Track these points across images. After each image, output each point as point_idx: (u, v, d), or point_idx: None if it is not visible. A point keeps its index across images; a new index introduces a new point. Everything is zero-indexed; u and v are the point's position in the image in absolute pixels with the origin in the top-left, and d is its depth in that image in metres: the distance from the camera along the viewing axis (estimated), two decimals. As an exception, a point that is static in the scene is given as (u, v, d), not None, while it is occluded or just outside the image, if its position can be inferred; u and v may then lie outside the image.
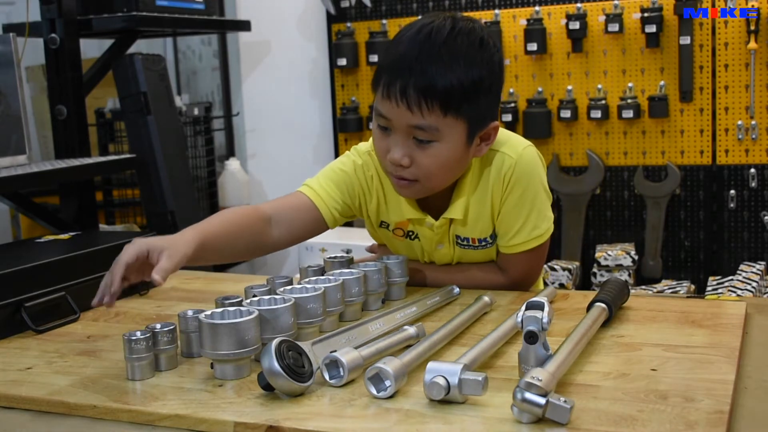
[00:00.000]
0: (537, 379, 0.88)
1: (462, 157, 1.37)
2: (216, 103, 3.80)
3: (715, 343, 1.13)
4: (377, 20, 3.37)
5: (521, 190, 1.43)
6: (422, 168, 1.35)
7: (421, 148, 1.34)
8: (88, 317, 1.43)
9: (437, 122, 1.31)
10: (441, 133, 1.32)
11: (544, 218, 1.46)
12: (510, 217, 1.45)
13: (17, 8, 3.31)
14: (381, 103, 1.34)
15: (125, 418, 0.99)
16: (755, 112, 2.89)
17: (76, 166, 2.34)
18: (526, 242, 1.47)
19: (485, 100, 1.35)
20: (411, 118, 1.31)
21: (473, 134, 1.35)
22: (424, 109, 1.30)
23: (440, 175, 1.38)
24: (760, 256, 2.97)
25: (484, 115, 1.36)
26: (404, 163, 1.35)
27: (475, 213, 1.46)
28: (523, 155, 1.43)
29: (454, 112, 1.31)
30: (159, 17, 2.80)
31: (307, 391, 1.00)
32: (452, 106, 1.30)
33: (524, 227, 1.45)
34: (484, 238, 1.49)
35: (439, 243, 1.51)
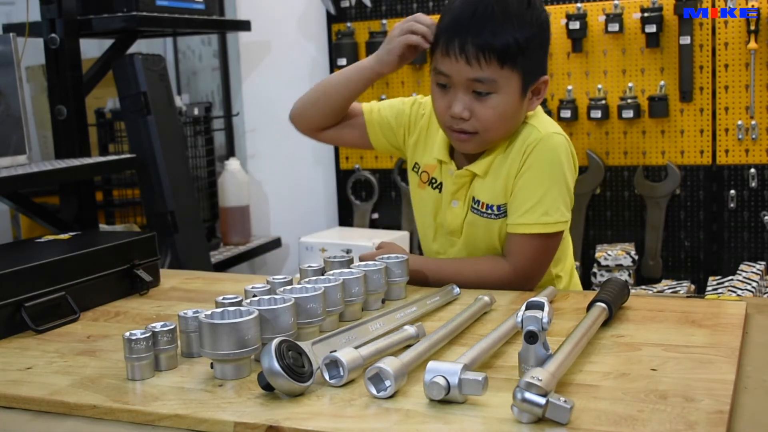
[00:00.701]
0: (537, 379, 0.88)
1: (517, 109, 1.48)
2: (216, 103, 3.80)
3: (715, 343, 1.13)
4: (377, 20, 3.37)
5: (539, 168, 1.47)
6: (482, 120, 1.45)
7: (480, 100, 1.45)
8: (88, 317, 1.43)
9: (495, 74, 1.42)
10: (498, 84, 1.43)
11: (557, 209, 1.48)
12: (523, 192, 1.48)
13: (17, 8, 3.31)
14: (441, 61, 1.47)
15: (125, 418, 0.99)
16: (755, 112, 2.89)
17: (76, 166, 2.34)
18: (534, 225, 1.48)
19: (537, 55, 1.47)
20: (470, 72, 1.42)
21: (527, 87, 1.47)
22: (482, 62, 1.41)
23: (498, 126, 1.47)
24: (760, 256, 2.97)
25: (536, 68, 1.48)
26: (464, 116, 1.45)
27: (495, 175, 1.52)
28: (551, 137, 1.50)
29: (510, 65, 1.43)
30: (159, 17, 2.80)
31: (307, 391, 1.01)
32: (508, 58, 1.42)
33: (535, 208, 1.47)
34: (495, 206, 1.52)
35: (455, 199, 1.56)
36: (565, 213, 1.50)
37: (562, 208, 1.49)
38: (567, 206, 1.51)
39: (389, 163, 3.44)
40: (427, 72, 3.31)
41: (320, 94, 1.69)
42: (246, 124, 3.75)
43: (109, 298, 1.52)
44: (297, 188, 3.72)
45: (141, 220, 3.20)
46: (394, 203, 3.48)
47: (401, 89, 3.36)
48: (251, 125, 3.76)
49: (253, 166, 3.77)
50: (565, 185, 1.50)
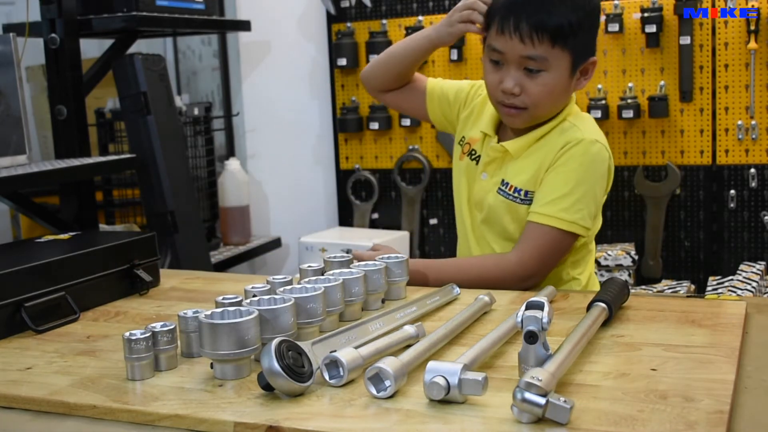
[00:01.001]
0: (537, 379, 0.88)
1: (566, 87, 1.54)
2: (216, 103, 3.80)
3: (715, 342, 1.13)
4: (377, 20, 3.37)
5: (572, 167, 1.52)
6: (531, 95, 1.52)
7: (531, 77, 1.51)
8: (88, 317, 1.43)
9: (546, 53, 1.49)
10: (549, 62, 1.50)
11: (578, 210, 1.51)
12: (549, 185, 1.53)
13: (17, 8, 3.31)
14: (495, 38, 1.53)
15: (125, 418, 0.99)
16: (755, 112, 2.89)
17: (76, 166, 2.34)
18: (550, 217, 1.51)
19: (587, 36, 1.54)
20: (523, 49, 1.49)
21: (576, 66, 1.54)
22: (535, 41, 1.48)
23: (546, 103, 1.54)
24: (760, 256, 2.97)
25: (585, 49, 1.54)
26: (515, 92, 1.52)
27: (528, 160, 1.57)
28: (594, 143, 1.55)
29: (561, 44, 1.49)
30: (159, 17, 2.80)
31: (307, 391, 1.00)
32: (560, 38, 1.48)
33: (556, 202, 1.51)
34: (522, 191, 1.56)
35: (485, 172, 1.62)
36: (586, 219, 1.53)
37: (583, 213, 1.52)
38: (590, 214, 1.53)
39: (389, 163, 3.45)
40: (427, 72, 3.31)
41: (388, 57, 1.80)
42: (246, 124, 3.75)
43: (109, 298, 1.52)
44: (297, 188, 3.72)
45: (141, 220, 3.20)
46: (394, 203, 3.48)
47: (401, 89, 3.36)
48: (251, 125, 3.76)
49: (253, 166, 3.77)
50: (593, 194, 1.53)
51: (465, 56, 3.23)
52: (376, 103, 3.39)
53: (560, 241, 1.53)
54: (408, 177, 3.43)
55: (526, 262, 1.52)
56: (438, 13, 3.27)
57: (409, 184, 3.43)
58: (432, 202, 3.42)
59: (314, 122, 3.65)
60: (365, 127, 3.43)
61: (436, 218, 3.42)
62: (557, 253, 1.55)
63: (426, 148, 3.37)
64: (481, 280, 1.50)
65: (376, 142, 3.46)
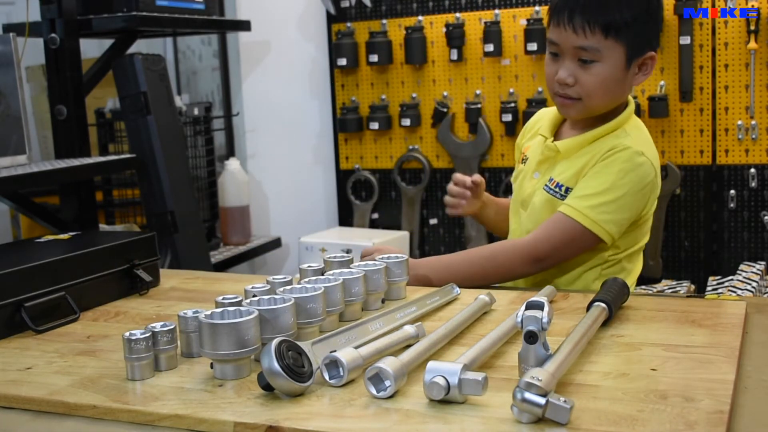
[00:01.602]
0: (537, 379, 0.88)
1: (620, 79, 1.56)
2: (216, 103, 3.80)
3: (715, 342, 1.13)
4: (377, 20, 3.37)
5: (611, 171, 1.53)
6: (585, 86, 1.54)
7: (584, 68, 1.54)
8: (88, 317, 1.43)
9: (599, 44, 1.52)
10: (602, 54, 1.52)
11: (603, 213, 1.52)
12: (584, 182, 1.55)
13: (17, 8, 3.31)
14: (552, 31, 1.57)
15: (125, 418, 0.99)
16: (755, 112, 2.89)
17: (76, 166, 2.34)
18: (575, 210, 1.52)
19: (643, 29, 1.55)
20: (576, 40, 1.52)
21: (631, 59, 1.55)
22: (587, 32, 1.51)
23: (600, 94, 1.55)
24: (760, 256, 2.97)
25: (642, 42, 1.55)
26: (569, 82, 1.55)
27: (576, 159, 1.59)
28: (638, 153, 1.55)
29: (614, 35, 1.51)
30: (159, 17, 2.80)
31: (307, 391, 1.00)
32: (612, 30, 1.51)
33: (586, 199, 1.53)
34: (564, 187, 1.59)
35: (537, 171, 1.65)
36: (610, 224, 1.52)
37: (609, 217, 1.52)
38: (616, 221, 1.53)
39: (389, 163, 3.45)
40: (427, 72, 3.31)
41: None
42: (246, 124, 3.75)
43: (109, 298, 1.52)
44: (297, 188, 3.72)
45: (141, 220, 3.20)
46: (394, 203, 3.48)
47: (401, 89, 3.36)
48: (251, 125, 3.76)
49: (253, 166, 3.77)
50: (625, 203, 1.53)
51: (465, 56, 3.23)
52: (376, 103, 3.39)
53: (578, 236, 1.53)
54: (408, 177, 3.43)
55: (538, 244, 1.54)
56: (438, 13, 3.27)
57: (409, 184, 3.43)
58: (432, 202, 3.42)
59: (314, 122, 3.65)
60: (365, 127, 3.43)
61: (436, 218, 3.42)
62: (573, 247, 1.55)
63: (426, 148, 3.37)
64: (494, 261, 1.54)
65: (376, 142, 3.46)
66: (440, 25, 3.25)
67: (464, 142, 3.27)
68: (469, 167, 3.27)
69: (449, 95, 3.29)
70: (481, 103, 3.23)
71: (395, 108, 3.37)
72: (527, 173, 1.68)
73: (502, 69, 3.19)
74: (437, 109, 3.28)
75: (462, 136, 3.30)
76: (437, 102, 3.30)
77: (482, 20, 3.17)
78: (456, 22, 3.20)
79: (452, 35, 3.19)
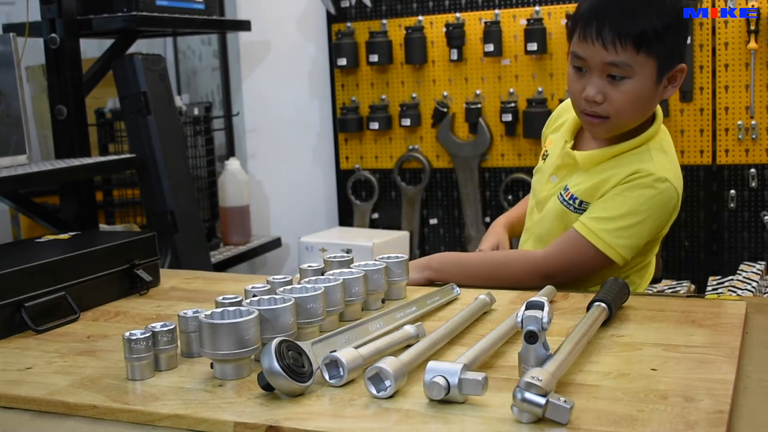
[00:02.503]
0: (537, 379, 0.88)
1: (651, 95, 1.49)
2: (216, 103, 3.80)
3: (715, 342, 1.13)
4: (377, 20, 3.37)
5: (631, 195, 1.47)
6: (614, 104, 1.47)
7: (614, 85, 1.46)
8: (88, 317, 1.43)
9: (630, 59, 1.43)
10: (633, 69, 1.45)
11: (619, 237, 1.47)
12: (604, 202, 1.50)
13: (17, 8, 3.31)
14: (577, 45, 1.48)
15: (125, 418, 0.99)
16: (755, 112, 2.89)
17: (76, 166, 2.34)
18: (592, 233, 1.48)
19: (673, 42, 1.47)
20: (605, 56, 1.44)
21: (662, 73, 1.48)
22: (618, 47, 1.43)
23: (630, 111, 1.48)
24: (760, 256, 2.97)
25: (672, 56, 1.48)
26: (598, 100, 1.47)
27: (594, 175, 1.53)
28: (661, 180, 1.48)
29: (646, 50, 1.43)
30: (159, 17, 2.80)
31: (307, 391, 1.00)
32: (644, 44, 1.43)
33: (603, 221, 1.48)
34: (578, 200, 1.54)
35: (555, 175, 1.60)
36: (626, 249, 1.48)
37: (625, 242, 1.48)
38: (631, 246, 1.49)
39: (389, 163, 3.45)
40: (427, 72, 3.31)
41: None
42: (246, 124, 3.75)
43: (109, 298, 1.52)
44: (297, 188, 3.72)
45: (141, 220, 3.20)
46: (394, 203, 3.48)
47: (401, 89, 3.36)
48: (251, 125, 3.76)
49: (253, 166, 3.77)
50: (642, 228, 1.48)
51: (465, 56, 3.23)
52: (376, 103, 3.39)
53: (591, 258, 1.49)
54: (408, 177, 3.43)
55: (549, 261, 1.51)
56: (438, 13, 3.27)
57: (409, 184, 3.43)
58: (432, 202, 3.42)
59: (314, 122, 3.65)
60: (365, 127, 3.43)
61: (436, 218, 3.42)
62: (584, 267, 1.51)
63: (426, 148, 3.37)
64: (506, 267, 1.53)
65: (376, 142, 3.46)
66: (440, 25, 3.25)
67: (464, 142, 3.27)
68: (469, 167, 3.27)
69: (449, 95, 3.29)
70: (481, 103, 3.23)
71: (395, 108, 3.37)
72: (546, 173, 1.63)
73: (502, 69, 3.19)
74: (437, 109, 3.28)
75: (462, 136, 3.30)
76: (437, 102, 3.30)
77: (482, 20, 3.17)
78: (456, 22, 3.20)
79: (452, 35, 3.19)
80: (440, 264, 1.56)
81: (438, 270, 1.56)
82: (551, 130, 1.72)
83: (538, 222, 1.63)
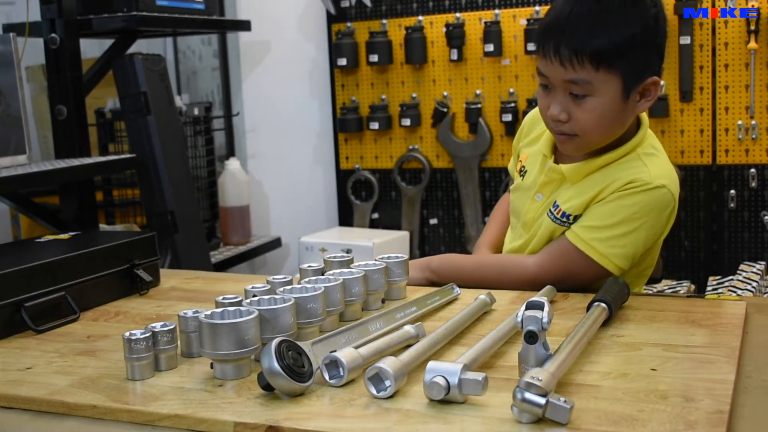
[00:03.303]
0: (537, 379, 0.88)
1: (619, 111, 1.41)
2: (216, 103, 3.80)
3: (715, 342, 1.13)
4: (377, 20, 3.37)
5: (625, 203, 1.42)
6: (579, 122, 1.40)
7: (577, 103, 1.40)
8: (88, 317, 1.43)
9: (590, 77, 1.37)
10: (594, 87, 1.37)
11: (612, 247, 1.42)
12: (597, 212, 1.44)
13: (17, 8, 3.31)
14: (540, 62, 1.42)
15: (125, 418, 0.99)
16: (755, 112, 2.89)
17: (76, 166, 2.34)
18: (584, 242, 1.43)
19: (640, 55, 1.39)
20: (564, 74, 1.38)
21: (629, 89, 1.39)
22: (576, 64, 1.36)
23: (597, 129, 1.41)
24: (760, 256, 2.97)
25: (641, 70, 1.39)
26: (562, 118, 1.41)
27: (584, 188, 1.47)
28: (659, 189, 1.43)
29: (606, 67, 1.36)
30: (159, 17, 2.80)
31: (307, 391, 1.00)
32: (604, 61, 1.36)
33: (595, 230, 1.43)
34: (571, 216, 1.47)
35: (540, 193, 1.53)
36: (620, 258, 1.43)
37: (619, 251, 1.43)
38: (627, 255, 1.43)
39: (389, 163, 3.45)
40: (427, 72, 3.32)
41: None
42: (246, 124, 3.75)
43: (109, 298, 1.52)
44: (297, 188, 3.72)
45: (141, 220, 3.20)
46: (394, 203, 3.48)
47: (401, 89, 3.36)
48: (251, 125, 3.76)
49: (253, 166, 3.77)
50: (638, 236, 1.43)
51: (465, 56, 3.23)
52: (376, 103, 3.39)
53: (584, 267, 1.44)
54: (408, 177, 3.43)
55: (543, 271, 1.46)
56: (438, 13, 3.27)
57: (409, 184, 3.43)
58: (432, 202, 3.42)
59: (314, 122, 3.65)
60: (365, 127, 3.43)
61: (436, 218, 3.42)
62: (577, 276, 1.46)
63: (426, 148, 3.37)
64: (500, 274, 1.51)
65: (376, 142, 3.46)
66: (440, 25, 3.25)
67: (464, 142, 3.27)
68: (469, 167, 3.27)
69: (449, 95, 3.29)
70: (481, 103, 3.23)
71: (395, 108, 3.37)
72: (528, 191, 1.56)
73: (502, 69, 3.19)
74: (437, 109, 3.28)
75: (462, 136, 3.30)
76: (437, 102, 3.30)
77: (482, 20, 3.17)
78: (456, 22, 3.20)
79: (452, 35, 3.19)
80: (438, 266, 1.57)
81: (436, 271, 1.56)
82: (525, 144, 1.65)
83: (530, 243, 1.56)
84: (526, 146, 1.65)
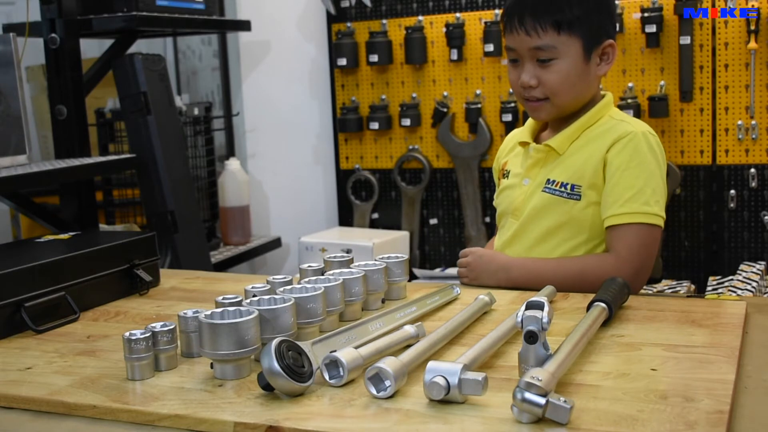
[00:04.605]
0: (537, 379, 0.88)
1: (582, 72, 1.58)
2: (216, 103, 3.80)
3: (715, 342, 1.13)
4: (377, 20, 3.37)
5: (638, 161, 1.53)
6: (548, 85, 1.57)
7: (544, 67, 1.57)
8: (88, 317, 1.43)
9: (553, 41, 1.55)
10: (558, 50, 1.56)
11: (656, 202, 1.53)
12: (621, 185, 1.53)
13: (17, 8, 3.31)
14: (507, 38, 1.60)
15: (125, 418, 0.99)
16: (755, 112, 2.89)
17: (76, 166, 2.34)
18: (636, 214, 1.51)
19: (596, 18, 1.58)
20: (530, 41, 1.56)
21: (589, 50, 1.58)
22: (540, 31, 1.54)
23: (565, 90, 1.58)
24: (760, 256, 2.97)
25: (597, 32, 1.59)
26: (532, 84, 1.57)
27: (574, 155, 1.59)
28: (646, 135, 1.57)
29: (567, 30, 1.55)
30: (159, 17, 2.80)
31: (307, 391, 1.01)
32: (564, 25, 1.54)
33: (635, 197, 1.52)
34: (568, 185, 1.57)
35: (527, 177, 1.64)
36: (663, 209, 1.55)
37: (660, 203, 1.54)
38: (662, 204, 1.55)
39: (389, 163, 3.45)
40: (427, 72, 3.31)
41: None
42: (246, 124, 3.75)
43: (109, 298, 1.53)
44: (297, 188, 3.72)
45: (141, 220, 3.20)
46: (394, 203, 3.48)
47: (401, 89, 3.36)
48: (251, 125, 3.76)
49: (253, 166, 3.77)
50: (662, 183, 1.56)
51: (465, 56, 3.23)
52: (376, 103, 3.39)
53: (649, 235, 1.52)
54: (408, 177, 3.43)
55: (628, 263, 1.50)
56: (438, 13, 3.27)
57: (409, 184, 3.43)
58: (432, 202, 3.42)
59: (314, 122, 3.65)
60: (365, 127, 3.43)
61: (436, 218, 3.42)
62: (652, 247, 1.54)
63: (426, 148, 3.37)
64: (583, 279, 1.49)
65: (376, 142, 3.46)
66: (440, 25, 3.25)
67: (464, 142, 3.27)
68: (469, 167, 3.27)
69: (449, 95, 3.29)
70: (481, 103, 3.23)
71: (395, 108, 3.37)
72: (513, 184, 1.69)
73: (502, 69, 3.19)
74: (437, 109, 3.28)
75: (462, 136, 3.30)
76: (437, 102, 3.30)
77: (482, 20, 3.17)
78: (456, 22, 3.20)
79: (452, 35, 3.19)
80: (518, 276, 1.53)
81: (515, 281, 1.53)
82: (504, 155, 1.81)
83: (526, 224, 1.62)
84: (504, 157, 1.80)
